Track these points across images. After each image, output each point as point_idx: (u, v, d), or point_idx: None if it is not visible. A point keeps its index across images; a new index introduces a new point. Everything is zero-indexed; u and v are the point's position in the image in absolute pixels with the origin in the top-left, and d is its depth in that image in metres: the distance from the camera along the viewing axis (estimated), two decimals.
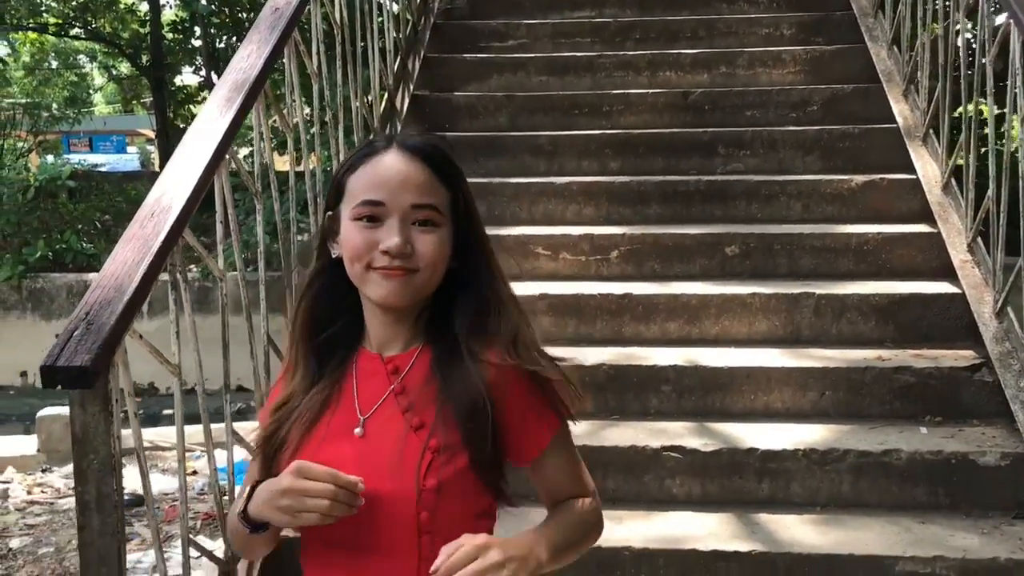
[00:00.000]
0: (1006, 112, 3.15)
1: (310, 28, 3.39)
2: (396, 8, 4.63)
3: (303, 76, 3.26)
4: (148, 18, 15.62)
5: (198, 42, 15.67)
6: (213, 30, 15.00)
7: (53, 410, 6.40)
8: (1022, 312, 3.09)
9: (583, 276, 3.77)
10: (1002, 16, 3.19)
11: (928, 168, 3.85)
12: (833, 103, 4.48)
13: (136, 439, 2.01)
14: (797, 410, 3.15)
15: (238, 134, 2.63)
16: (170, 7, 16.54)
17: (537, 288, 3.59)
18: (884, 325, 3.40)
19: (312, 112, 3.72)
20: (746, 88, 4.64)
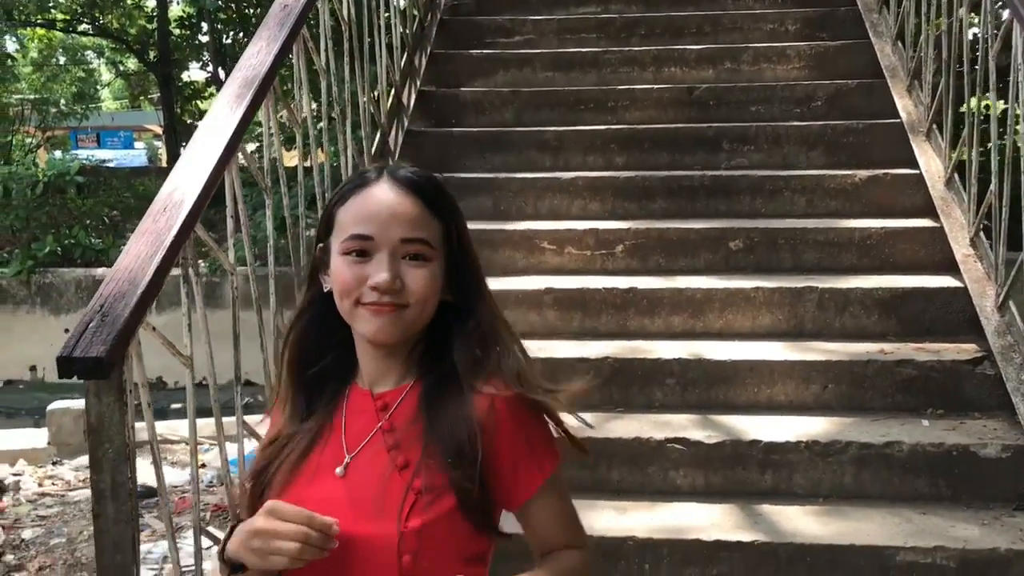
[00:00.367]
0: (1009, 107, 3.17)
1: (318, 24, 3.42)
2: (403, 4, 4.66)
3: (311, 72, 3.29)
4: (155, 14, 15.69)
5: (205, 38, 15.71)
6: (220, 26, 15.03)
7: (63, 403, 6.46)
8: None
9: (588, 270, 3.79)
10: (1007, 11, 3.21)
11: (931, 163, 3.87)
12: (837, 98, 4.50)
13: (149, 429, 2.05)
14: (800, 403, 3.18)
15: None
16: (177, 3, 16.60)
17: (543, 282, 3.63)
18: (887, 319, 3.42)
19: (320, 108, 3.76)
20: (751, 84, 4.66)
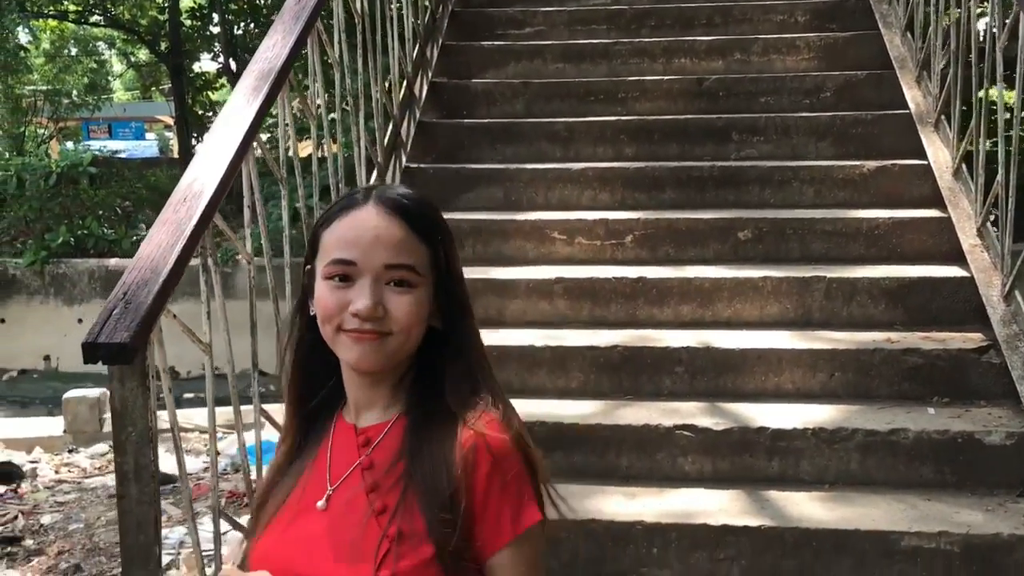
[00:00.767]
0: (1015, 98, 3.19)
1: (331, 17, 3.47)
2: None
3: (325, 65, 3.34)
4: (166, 5, 15.76)
5: (216, 29, 15.79)
6: (231, 16, 15.10)
7: (78, 392, 6.54)
8: None
9: (598, 260, 3.83)
10: (1016, 1, 3.23)
11: (939, 154, 3.89)
12: (846, 89, 4.51)
13: (171, 414, 2.11)
14: (807, 391, 3.21)
15: None
16: None
17: (553, 272, 3.67)
18: (894, 308, 3.45)
19: (335, 100, 3.81)
20: (760, 75, 4.67)
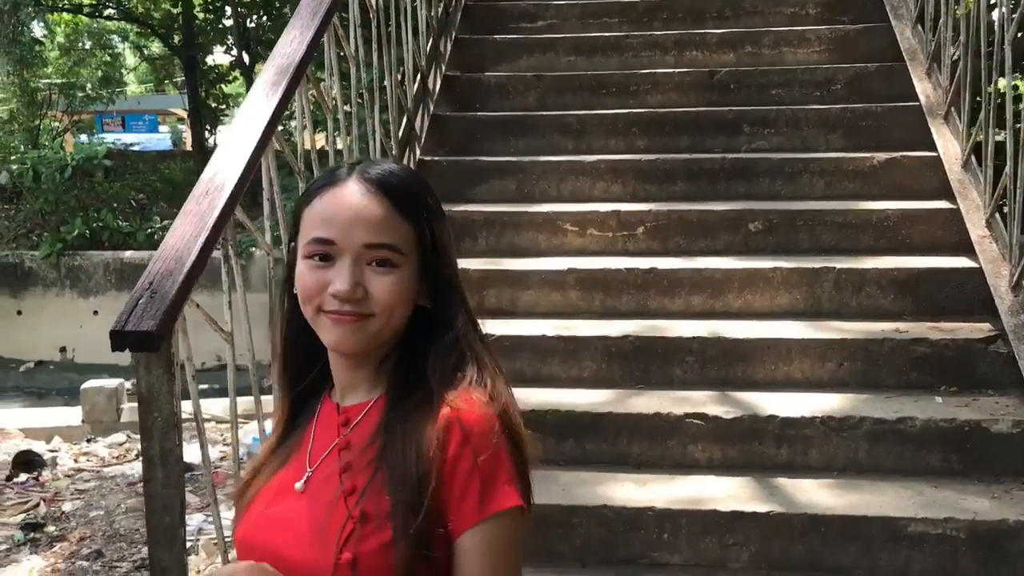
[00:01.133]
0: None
1: (347, 12, 3.52)
2: None
3: (340, 59, 3.39)
4: None
5: (229, 21, 15.85)
6: (244, 9, 15.16)
7: (96, 383, 6.63)
8: None
9: (610, 251, 3.87)
10: None
11: (949, 146, 3.91)
12: (857, 82, 4.53)
13: (194, 401, 2.17)
14: (816, 380, 3.26)
15: None
16: None
17: (566, 263, 3.72)
18: (902, 298, 3.49)
19: (351, 93, 3.86)
20: (771, 67, 4.70)
